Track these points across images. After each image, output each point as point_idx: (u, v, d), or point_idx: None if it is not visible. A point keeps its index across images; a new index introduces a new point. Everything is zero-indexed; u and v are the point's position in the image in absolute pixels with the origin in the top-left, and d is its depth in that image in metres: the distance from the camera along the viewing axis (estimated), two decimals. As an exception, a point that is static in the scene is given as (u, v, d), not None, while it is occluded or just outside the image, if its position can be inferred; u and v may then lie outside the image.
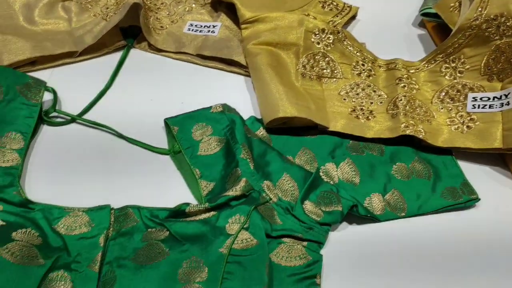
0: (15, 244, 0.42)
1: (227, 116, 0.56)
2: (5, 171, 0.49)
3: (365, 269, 0.48)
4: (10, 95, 0.53)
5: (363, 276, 0.48)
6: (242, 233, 0.44)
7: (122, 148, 0.56)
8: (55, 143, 0.56)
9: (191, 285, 0.40)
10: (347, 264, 0.48)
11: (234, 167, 0.51)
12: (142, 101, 0.61)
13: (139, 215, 0.47)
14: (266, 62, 0.63)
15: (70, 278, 0.43)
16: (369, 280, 0.47)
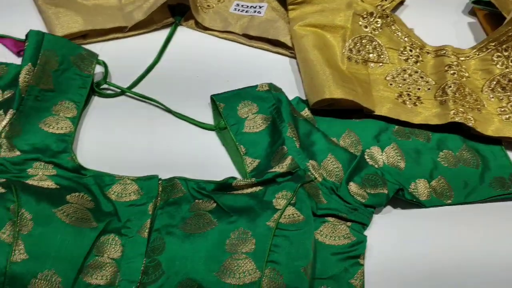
0: (70, 206, 0.44)
1: (273, 95, 0.56)
2: (59, 138, 0.51)
3: (408, 252, 0.48)
4: (65, 65, 0.55)
5: (405, 259, 0.48)
6: (289, 208, 0.44)
7: (169, 122, 0.57)
8: (105, 114, 0.57)
9: (239, 255, 0.41)
10: (390, 246, 0.48)
11: (280, 145, 0.51)
12: (188, 77, 0.62)
13: (186, 187, 0.48)
14: (312, 44, 0.62)
15: (121, 242, 0.44)
16: (412, 264, 0.47)
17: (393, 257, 0.47)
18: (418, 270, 0.47)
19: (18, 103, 0.50)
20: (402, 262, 0.47)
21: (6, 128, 0.49)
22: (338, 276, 0.44)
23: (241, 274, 0.40)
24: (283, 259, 0.41)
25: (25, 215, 0.41)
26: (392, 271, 0.47)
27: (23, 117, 0.50)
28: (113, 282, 0.42)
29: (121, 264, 0.43)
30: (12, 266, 0.39)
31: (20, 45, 0.62)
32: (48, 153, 0.49)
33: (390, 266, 0.47)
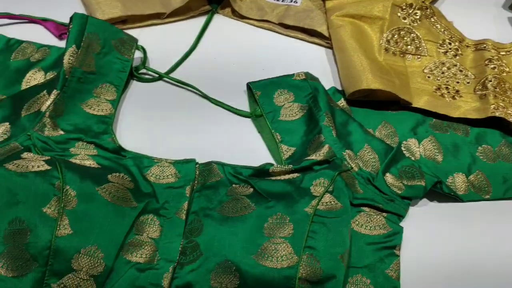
0: (112, 186, 0.45)
1: (310, 84, 0.56)
2: (100, 119, 0.52)
3: (444, 246, 0.48)
4: (106, 48, 0.56)
5: (441, 252, 0.47)
6: (326, 196, 0.44)
7: (205, 108, 0.58)
8: (142, 98, 0.58)
9: (276, 239, 0.41)
10: (427, 239, 0.48)
11: (316, 134, 0.51)
12: (224, 64, 0.62)
13: (223, 171, 0.49)
14: (349, 34, 0.62)
15: (159, 222, 0.45)
16: (448, 257, 0.47)
17: (429, 250, 0.47)
18: (454, 264, 0.47)
19: (62, 84, 0.51)
20: (437, 255, 0.47)
21: (50, 108, 0.50)
22: (373, 265, 0.44)
23: (279, 258, 0.40)
24: (320, 245, 0.41)
25: (70, 192, 0.42)
26: (427, 263, 0.47)
27: (66, 97, 0.51)
28: (151, 261, 0.43)
29: (159, 243, 0.44)
30: (57, 240, 0.40)
31: (61, 28, 0.63)
32: (89, 133, 0.50)
33: (426, 258, 0.47)
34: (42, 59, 0.58)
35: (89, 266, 0.41)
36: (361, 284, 0.43)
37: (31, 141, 0.48)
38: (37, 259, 0.40)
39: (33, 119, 0.49)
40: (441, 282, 0.46)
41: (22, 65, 0.57)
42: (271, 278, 0.40)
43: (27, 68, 0.57)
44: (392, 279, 0.44)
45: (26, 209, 0.41)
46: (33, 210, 0.41)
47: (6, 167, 0.42)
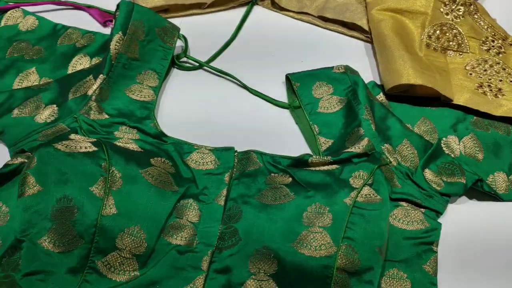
0: (154, 169, 0.46)
1: (350, 77, 0.56)
2: (142, 105, 0.53)
3: (482, 244, 0.47)
4: (150, 36, 0.57)
5: (479, 251, 0.47)
6: (366, 188, 0.44)
7: (244, 98, 0.58)
8: (183, 86, 0.59)
9: (315, 228, 0.42)
10: (465, 237, 0.47)
11: (355, 127, 0.51)
12: (263, 55, 0.63)
13: (261, 160, 0.50)
14: (390, 29, 0.61)
15: (198, 207, 0.46)
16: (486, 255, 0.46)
17: (466, 248, 0.47)
18: (492, 263, 0.46)
19: (108, 69, 0.53)
20: (475, 253, 0.47)
21: (96, 92, 0.51)
22: (410, 260, 0.44)
23: (317, 247, 0.41)
24: (359, 236, 0.41)
25: (115, 173, 0.44)
26: (465, 261, 0.46)
27: (112, 82, 0.53)
28: (191, 244, 0.44)
29: (198, 228, 0.45)
30: (103, 219, 0.42)
31: (105, 15, 0.65)
32: (132, 118, 0.52)
33: (463, 255, 0.46)
34: (87, 45, 0.59)
35: (132, 246, 0.42)
36: (398, 277, 0.43)
37: (77, 124, 0.50)
38: (83, 236, 0.41)
39: (80, 102, 0.51)
40: (478, 281, 0.45)
41: (68, 50, 0.59)
42: (309, 266, 0.40)
43: (73, 53, 0.59)
44: (429, 275, 0.44)
45: (74, 187, 0.42)
46: (81, 189, 0.42)
47: (56, 147, 0.44)
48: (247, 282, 0.41)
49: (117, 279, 0.41)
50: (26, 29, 0.62)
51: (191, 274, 0.42)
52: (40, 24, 0.63)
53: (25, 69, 0.57)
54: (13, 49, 0.60)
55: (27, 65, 0.58)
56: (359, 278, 0.41)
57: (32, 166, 0.43)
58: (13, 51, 0.59)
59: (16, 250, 0.41)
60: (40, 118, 0.51)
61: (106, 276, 0.41)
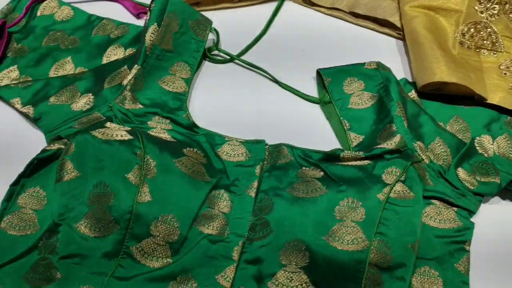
0: (187, 159, 0.47)
1: (382, 74, 0.55)
2: (175, 96, 0.54)
3: (515, 246, 0.46)
4: (184, 28, 0.58)
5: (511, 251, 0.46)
6: (398, 184, 0.44)
7: (274, 92, 0.59)
8: (214, 79, 0.59)
9: (348, 222, 0.42)
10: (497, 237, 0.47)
11: (387, 123, 0.51)
12: (294, 50, 0.63)
13: (292, 153, 0.50)
14: (423, 26, 0.61)
15: (229, 198, 0.46)
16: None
17: (499, 248, 0.46)
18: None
19: (143, 60, 0.53)
20: (508, 253, 0.46)
21: (131, 82, 0.52)
22: (442, 258, 0.44)
23: (350, 241, 0.41)
24: (391, 232, 0.41)
25: (150, 162, 0.44)
26: (497, 261, 0.46)
27: (146, 73, 0.54)
28: (222, 234, 0.44)
29: (229, 218, 0.45)
30: (138, 206, 0.42)
31: (139, 7, 0.66)
32: (165, 109, 0.52)
33: (496, 256, 0.46)
34: (121, 36, 0.60)
35: (166, 233, 0.43)
36: (429, 275, 0.43)
37: (112, 112, 0.51)
38: (119, 222, 0.42)
39: (115, 91, 0.52)
40: (511, 281, 0.45)
41: (102, 41, 0.60)
42: (341, 260, 0.40)
43: (107, 44, 0.60)
44: (462, 274, 0.44)
45: (111, 174, 0.43)
46: (117, 175, 0.43)
47: (93, 134, 0.45)
48: (278, 273, 0.41)
49: (150, 265, 0.42)
50: (61, 19, 0.63)
51: (222, 263, 0.43)
52: (75, 14, 0.64)
53: (61, 58, 0.58)
54: (49, 38, 0.61)
55: (63, 54, 0.59)
56: (391, 274, 0.40)
57: (70, 152, 0.44)
58: (49, 40, 0.61)
59: (54, 233, 0.43)
60: (76, 106, 0.52)
61: (140, 261, 0.42)
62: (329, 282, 0.40)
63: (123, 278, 0.41)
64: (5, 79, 0.56)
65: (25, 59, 0.58)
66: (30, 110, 0.52)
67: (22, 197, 0.45)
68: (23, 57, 0.58)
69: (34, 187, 0.46)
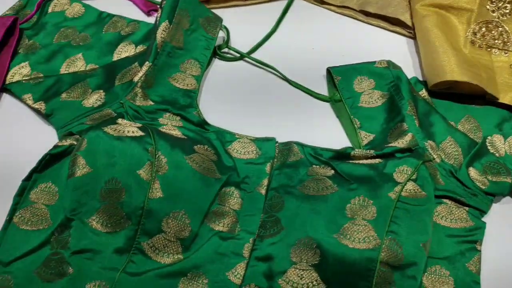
0: (198, 156, 0.47)
1: (392, 72, 0.55)
2: (185, 93, 0.54)
3: (527, 246, 0.46)
4: (194, 26, 0.58)
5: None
6: (410, 183, 0.44)
7: (284, 90, 0.58)
8: (224, 76, 0.59)
9: (359, 220, 0.42)
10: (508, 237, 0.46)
11: (398, 122, 0.51)
12: (303, 48, 0.63)
13: (302, 151, 0.50)
14: (434, 24, 0.60)
15: (240, 195, 0.46)
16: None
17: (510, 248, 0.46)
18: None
19: (154, 57, 0.54)
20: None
21: (142, 79, 0.52)
22: (453, 258, 0.44)
23: (361, 239, 0.41)
24: (403, 231, 0.41)
25: (161, 158, 0.44)
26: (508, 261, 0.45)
27: (157, 70, 0.54)
28: (232, 231, 0.44)
29: (240, 215, 0.45)
30: (150, 202, 0.43)
31: (149, 5, 0.66)
32: (176, 106, 0.52)
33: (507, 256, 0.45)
34: (132, 33, 0.61)
35: (177, 229, 0.43)
36: (440, 275, 0.43)
37: (123, 109, 0.51)
38: (130, 217, 0.42)
39: (126, 88, 0.52)
40: (522, 282, 0.44)
41: (113, 38, 0.60)
42: (352, 258, 0.40)
43: (118, 41, 0.60)
44: (473, 273, 0.43)
45: (122, 170, 0.43)
46: (129, 172, 0.43)
47: (105, 130, 0.45)
48: (289, 271, 0.41)
49: (161, 261, 0.42)
50: (72, 15, 0.64)
51: (233, 260, 0.43)
52: (86, 11, 0.64)
53: (72, 55, 0.59)
54: (60, 35, 0.61)
55: (74, 51, 0.59)
56: (403, 272, 0.40)
57: (82, 148, 0.44)
58: (60, 37, 0.61)
59: (66, 228, 0.43)
60: (87, 102, 0.52)
61: (151, 257, 0.42)
62: (340, 280, 0.40)
63: (134, 274, 0.42)
64: (16, 75, 0.57)
65: (37, 55, 0.59)
66: (42, 106, 0.53)
67: (34, 192, 0.46)
68: (34, 54, 0.59)
69: (46, 183, 0.46)
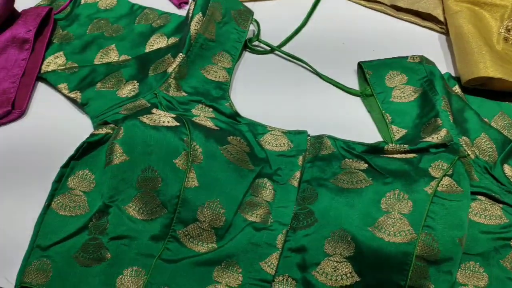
0: (232, 147, 0.47)
1: (426, 68, 0.55)
2: (217, 85, 0.55)
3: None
4: (226, 18, 0.58)
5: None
6: (446, 178, 0.44)
7: (314, 83, 0.58)
8: (254, 69, 0.60)
9: (394, 214, 0.42)
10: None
11: (432, 117, 0.50)
12: (333, 42, 0.63)
13: (335, 145, 0.50)
14: (467, 20, 0.60)
15: (273, 187, 0.47)
16: None
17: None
18: None
19: (188, 48, 0.54)
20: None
21: (175, 70, 0.53)
22: (487, 254, 0.44)
23: (396, 233, 0.41)
24: (439, 226, 0.41)
25: (197, 148, 0.45)
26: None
27: (190, 62, 0.54)
28: (265, 222, 0.45)
29: (273, 207, 0.45)
30: (185, 191, 0.43)
31: (180, -3, 0.66)
32: (208, 97, 0.53)
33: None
34: (163, 25, 0.61)
35: (212, 218, 0.43)
36: (475, 270, 0.43)
37: (157, 99, 0.51)
38: (166, 206, 0.43)
39: (160, 79, 0.53)
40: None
41: (145, 30, 0.61)
42: (388, 252, 0.40)
43: (150, 33, 0.61)
44: (507, 270, 0.43)
45: (159, 159, 0.44)
46: (165, 161, 0.44)
47: (141, 120, 0.46)
48: (323, 263, 0.42)
49: (196, 249, 0.43)
50: (105, 7, 0.64)
51: (266, 250, 0.43)
52: (118, 3, 0.65)
53: (105, 46, 0.59)
54: (93, 26, 0.62)
55: (107, 42, 0.60)
56: (438, 267, 0.40)
57: (119, 137, 0.45)
58: (93, 28, 0.62)
59: (104, 214, 0.44)
60: (122, 92, 0.53)
61: (186, 245, 0.43)
62: (374, 273, 0.40)
63: (170, 261, 0.42)
64: (51, 64, 0.58)
65: (71, 45, 0.60)
66: (77, 95, 0.54)
67: (71, 179, 0.46)
68: (68, 44, 0.60)
69: (83, 170, 0.47)
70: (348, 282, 0.41)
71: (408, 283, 0.40)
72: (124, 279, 0.41)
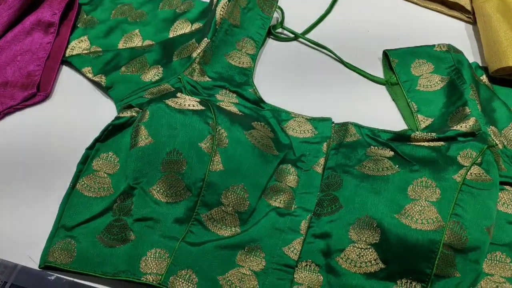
0: (256, 132, 0.47)
1: (453, 56, 0.54)
2: (241, 71, 0.54)
3: None
4: (251, 4, 0.58)
5: None
6: (475, 167, 0.43)
7: (339, 71, 0.58)
8: (278, 56, 0.59)
9: (422, 201, 0.41)
10: None
11: (460, 106, 0.50)
12: (358, 30, 0.62)
13: (360, 132, 0.49)
14: (496, 9, 0.59)
15: (297, 173, 0.46)
16: None
17: None
18: None
19: (213, 33, 0.54)
20: None
21: (200, 55, 0.53)
22: (515, 245, 0.43)
23: (424, 221, 0.40)
24: (467, 215, 0.40)
25: (222, 132, 0.45)
26: None
27: (214, 47, 0.54)
28: (289, 207, 0.44)
29: (296, 193, 0.45)
30: (210, 174, 0.43)
31: (203, -16, 0.66)
32: (232, 83, 0.53)
33: None
34: (187, 11, 0.61)
35: (236, 203, 0.43)
36: (501, 261, 0.42)
37: (181, 84, 0.51)
38: (191, 189, 0.43)
39: (184, 63, 0.53)
40: None
41: (169, 15, 0.61)
42: (415, 239, 0.39)
43: (173, 18, 0.60)
44: (535, 261, 0.42)
45: (184, 142, 0.44)
46: (190, 144, 0.44)
47: (167, 103, 0.46)
48: (347, 249, 0.41)
49: (219, 233, 0.43)
50: (128, -7, 0.64)
51: (290, 236, 0.43)
52: (141, -11, 0.65)
53: (129, 31, 0.59)
54: (117, 11, 0.62)
55: (131, 27, 0.60)
56: (465, 256, 0.40)
57: (145, 119, 0.45)
58: (117, 13, 0.62)
59: (128, 196, 0.44)
60: (146, 77, 0.53)
61: (210, 229, 0.43)
62: (400, 260, 0.40)
63: (194, 244, 0.42)
64: (76, 48, 0.58)
65: (95, 30, 0.60)
66: (102, 79, 0.54)
67: (96, 160, 0.47)
68: (93, 28, 0.60)
69: (108, 152, 0.47)
70: (373, 269, 0.40)
71: (434, 271, 0.39)
72: (148, 260, 0.41)
